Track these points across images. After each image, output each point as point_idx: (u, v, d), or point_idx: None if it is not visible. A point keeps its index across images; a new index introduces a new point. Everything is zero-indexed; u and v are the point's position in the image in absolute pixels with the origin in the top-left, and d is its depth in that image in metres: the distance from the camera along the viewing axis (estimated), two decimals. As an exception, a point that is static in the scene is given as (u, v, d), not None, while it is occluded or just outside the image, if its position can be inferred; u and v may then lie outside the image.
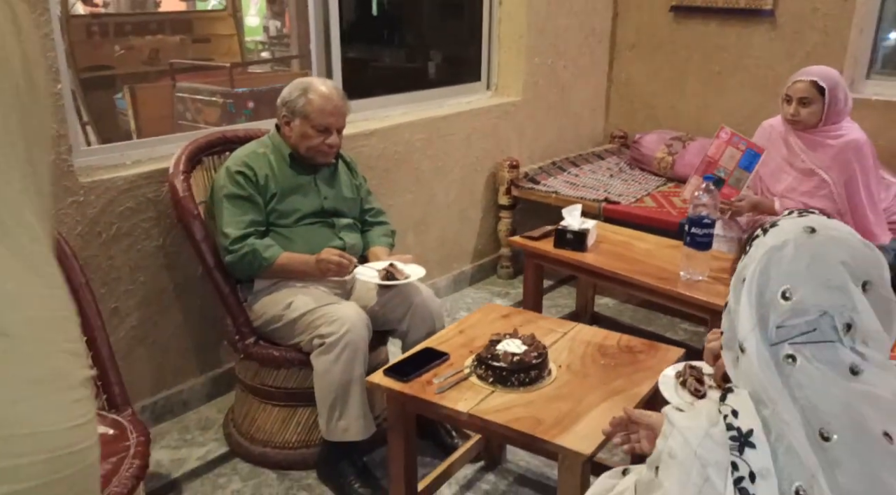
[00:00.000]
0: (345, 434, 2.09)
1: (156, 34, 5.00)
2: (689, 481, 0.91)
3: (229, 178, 2.17)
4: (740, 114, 3.84)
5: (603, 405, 1.69)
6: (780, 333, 0.92)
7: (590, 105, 4.19)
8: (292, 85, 2.25)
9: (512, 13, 3.57)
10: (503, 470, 2.29)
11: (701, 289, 2.31)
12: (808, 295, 0.90)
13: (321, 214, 2.29)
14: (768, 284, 0.94)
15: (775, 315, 0.92)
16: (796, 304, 0.90)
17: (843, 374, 0.89)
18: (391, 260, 2.25)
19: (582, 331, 2.07)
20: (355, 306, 2.13)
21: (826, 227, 0.95)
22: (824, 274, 0.90)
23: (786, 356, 0.91)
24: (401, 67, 3.69)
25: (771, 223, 1.02)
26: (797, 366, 0.90)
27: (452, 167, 3.38)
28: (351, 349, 2.03)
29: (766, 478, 0.89)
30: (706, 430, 0.93)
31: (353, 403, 2.07)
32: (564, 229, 2.63)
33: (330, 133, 2.22)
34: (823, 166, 2.67)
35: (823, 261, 0.91)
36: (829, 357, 0.89)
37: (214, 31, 5.14)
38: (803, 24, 3.58)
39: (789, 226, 0.97)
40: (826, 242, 0.92)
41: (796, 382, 0.90)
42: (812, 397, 0.88)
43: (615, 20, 4.18)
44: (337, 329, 2.04)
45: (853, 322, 0.88)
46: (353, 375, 2.05)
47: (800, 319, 0.90)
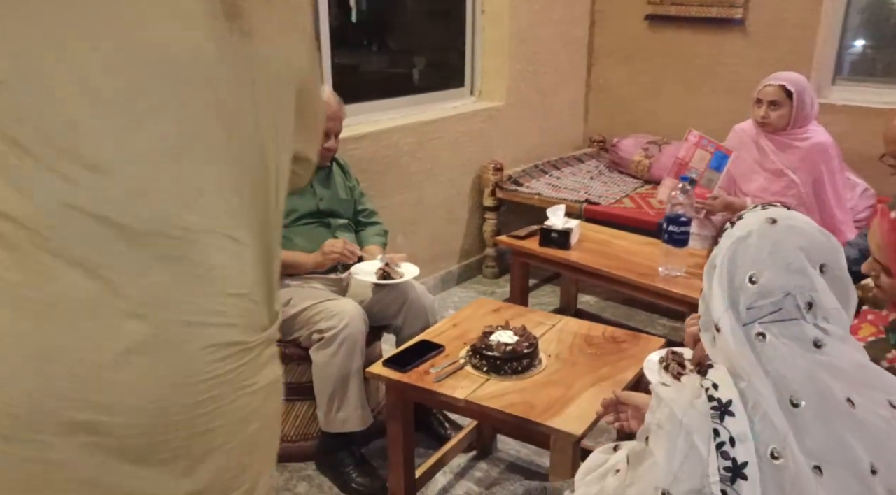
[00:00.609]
0: (344, 425, 2.19)
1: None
2: (675, 447, 1.02)
3: None
4: (714, 118, 3.99)
5: (591, 390, 1.80)
6: (751, 314, 1.03)
7: (569, 110, 4.33)
8: None
9: (495, 21, 3.70)
10: (494, 458, 2.39)
11: (679, 284, 2.45)
12: (771, 278, 1.01)
13: (317, 215, 2.38)
14: (736, 271, 1.04)
15: (744, 297, 1.03)
16: (762, 287, 1.01)
17: (807, 348, 1.00)
18: (386, 259, 2.35)
19: (569, 323, 2.18)
20: (353, 302, 2.23)
21: (785, 218, 1.06)
22: (785, 258, 1.01)
23: (756, 334, 1.02)
24: (388, 73, 3.79)
25: (737, 216, 1.13)
26: (767, 342, 1.01)
27: (440, 170, 3.50)
28: (349, 342, 2.13)
29: (744, 442, 0.99)
30: (690, 402, 1.04)
31: (352, 395, 2.16)
32: (549, 228, 2.75)
33: (328, 137, 2.31)
34: (792, 167, 2.82)
35: (784, 248, 1.02)
36: (794, 333, 1.00)
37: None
38: (773, 32, 3.75)
39: (753, 219, 1.09)
40: (785, 230, 1.04)
41: (767, 357, 1.01)
42: (781, 369, 0.99)
43: (592, 28, 4.33)
44: (336, 323, 2.13)
45: (813, 300, 0.99)
46: (352, 368, 2.15)
47: (766, 300, 1.01)
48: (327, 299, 2.23)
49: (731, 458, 0.98)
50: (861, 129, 3.49)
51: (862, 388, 0.99)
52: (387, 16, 3.83)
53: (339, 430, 2.20)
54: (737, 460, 0.97)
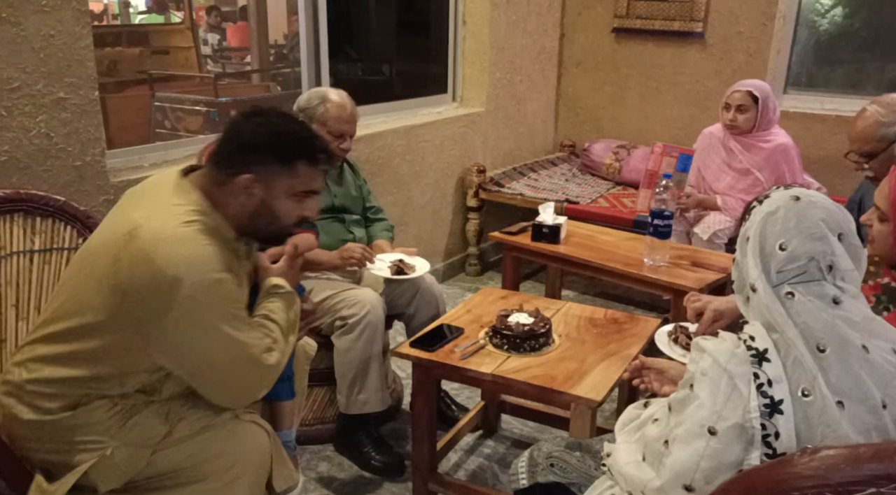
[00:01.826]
0: (364, 406, 2.32)
1: (114, 46, 5.07)
2: (720, 390, 1.19)
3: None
4: (675, 124, 4.29)
5: (602, 364, 2.00)
6: (780, 277, 1.23)
7: (541, 116, 4.56)
8: (310, 94, 2.49)
9: (475, 32, 3.90)
10: (500, 436, 2.57)
11: (663, 272, 2.67)
12: (798, 245, 1.21)
13: (332, 210, 2.52)
14: (766, 240, 1.24)
15: (775, 262, 1.23)
16: (790, 253, 1.21)
17: (828, 304, 1.20)
18: (398, 254, 2.50)
19: (572, 307, 2.38)
20: (371, 290, 2.38)
21: (807, 195, 1.27)
22: (809, 228, 1.22)
23: (786, 293, 1.21)
24: (376, 80, 3.94)
25: (764, 195, 1.34)
26: (795, 300, 1.20)
27: (427, 171, 3.67)
28: (371, 328, 2.27)
29: (780, 383, 1.18)
30: (732, 351, 1.22)
31: (372, 378, 2.31)
32: (541, 224, 2.95)
33: (344, 138, 2.46)
34: (757, 166, 3.10)
35: (807, 220, 1.23)
36: (817, 292, 1.20)
37: (173, 43, 5.25)
38: (730, 45, 4.06)
39: (779, 196, 1.29)
40: (808, 205, 1.24)
41: (795, 312, 1.20)
42: (808, 321, 1.19)
43: (562, 40, 4.58)
44: (358, 310, 2.27)
45: (833, 263, 1.20)
46: (373, 352, 2.29)
47: (794, 264, 1.21)
48: (346, 289, 2.37)
49: (769, 397, 1.16)
50: (810, 134, 3.83)
51: (872, 337, 1.19)
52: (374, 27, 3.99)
53: (360, 412, 2.33)
54: (774, 398, 1.16)
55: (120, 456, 1.40)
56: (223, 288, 1.37)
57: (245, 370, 1.43)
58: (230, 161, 1.44)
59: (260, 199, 1.45)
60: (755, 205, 1.31)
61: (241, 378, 1.45)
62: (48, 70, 2.07)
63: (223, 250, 1.41)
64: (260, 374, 1.45)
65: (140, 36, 5.24)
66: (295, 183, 1.47)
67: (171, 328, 1.33)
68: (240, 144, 1.44)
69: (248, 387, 1.47)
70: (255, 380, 1.46)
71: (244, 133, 1.45)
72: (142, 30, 5.32)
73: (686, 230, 3.27)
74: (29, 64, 2.03)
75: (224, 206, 1.45)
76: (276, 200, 1.47)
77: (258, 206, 1.45)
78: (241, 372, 1.43)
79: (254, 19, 5.32)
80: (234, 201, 1.45)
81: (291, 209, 1.50)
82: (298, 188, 1.48)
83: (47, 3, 2.04)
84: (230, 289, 1.40)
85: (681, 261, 2.74)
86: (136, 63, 5.01)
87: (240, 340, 1.40)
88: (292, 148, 1.45)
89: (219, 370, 1.41)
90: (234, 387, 1.46)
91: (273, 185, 1.45)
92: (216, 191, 1.45)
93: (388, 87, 3.91)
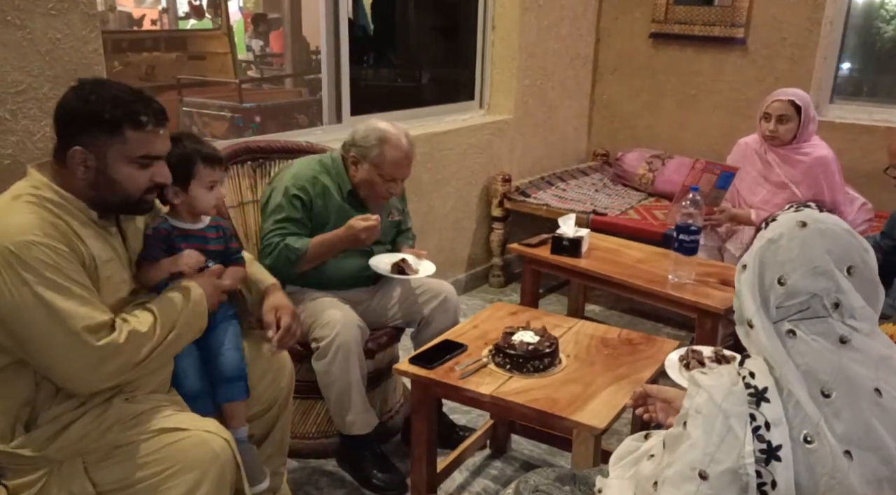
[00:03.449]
0: (352, 427, 2.24)
1: (152, 51, 5.15)
2: (713, 430, 1.08)
3: (286, 198, 2.25)
4: (713, 133, 4.12)
5: (610, 388, 1.88)
6: (780, 312, 1.10)
7: (574, 124, 4.44)
8: (368, 129, 2.30)
9: (504, 37, 3.81)
10: (509, 457, 2.46)
11: (688, 291, 2.53)
12: (798, 280, 1.08)
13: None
14: (766, 272, 1.11)
15: (774, 297, 1.10)
16: (790, 288, 1.08)
17: (834, 343, 1.07)
18: (405, 254, 2.40)
19: (585, 325, 2.26)
20: (346, 309, 2.23)
21: (816, 221, 1.11)
22: (811, 261, 1.08)
23: (787, 331, 1.09)
24: (401, 86, 3.89)
25: (772, 217, 1.21)
26: (797, 339, 1.08)
27: (449, 179, 3.59)
28: (343, 351, 2.14)
29: (779, 426, 1.06)
30: (728, 388, 1.10)
31: (356, 401, 2.20)
32: (560, 237, 2.84)
33: (396, 182, 2.33)
34: (795, 180, 2.93)
35: (811, 251, 1.08)
36: (822, 330, 1.07)
37: (209, 48, 5.30)
38: (772, 51, 3.88)
39: (784, 220, 1.14)
40: (813, 234, 1.10)
41: (797, 351, 1.08)
42: (811, 363, 1.06)
43: (598, 45, 4.45)
44: (328, 332, 2.15)
45: (840, 301, 1.06)
46: (350, 375, 2.17)
47: (794, 300, 1.08)
48: (324, 307, 2.22)
49: (766, 441, 1.05)
50: (856, 146, 3.62)
51: (890, 377, 1.06)
52: (400, 32, 3.94)
53: (349, 433, 2.25)
54: (771, 443, 1.05)
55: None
56: (40, 251, 1.35)
57: (65, 344, 1.36)
58: (59, 136, 1.47)
59: (96, 170, 1.45)
60: (762, 227, 1.19)
61: (64, 354, 1.38)
62: (54, 73, 2.06)
63: (57, 219, 1.41)
64: (85, 353, 1.38)
65: (178, 41, 5.31)
66: (127, 149, 1.46)
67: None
68: (63, 118, 1.46)
69: (77, 368, 1.39)
70: (82, 360, 1.38)
71: (63, 107, 1.47)
72: (180, 35, 5.38)
73: (718, 246, 3.11)
74: (35, 67, 2.02)
75: (70, 183, 1.47)
76: (114, 169, 1.46)
77: (96, 177, 1.46)
78: (60, 345, 1.37)
79: (288, 26, 5.34)
80: (75, 176, 1.46)
81: (135, 176, 1.49)
82: (135, 153, 1.47)
83: (54, 6, 2.03)
84: (50, 255, 1.36)
85: (708, 278, 2.60)
86: (174, 68, 5.07)
87: (56, 307, 1.35)
88: (113, 114, 1.43)
89: (36, 339, 1.37)
90: (61, 365, 1.39)
91: (105, 154, 1.45)
92: (60, 169, 1.47)
93: (412, 94, 3.85)
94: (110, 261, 1.51)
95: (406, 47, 4.27)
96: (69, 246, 1.40)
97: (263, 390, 1.88)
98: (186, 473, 1.41)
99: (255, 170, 2.59)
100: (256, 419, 1.88)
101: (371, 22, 4.39)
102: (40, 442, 1.40)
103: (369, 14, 4.52)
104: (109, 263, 1.50)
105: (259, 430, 1.89)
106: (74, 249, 1.41)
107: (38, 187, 1.44)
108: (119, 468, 1.42)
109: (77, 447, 1.42)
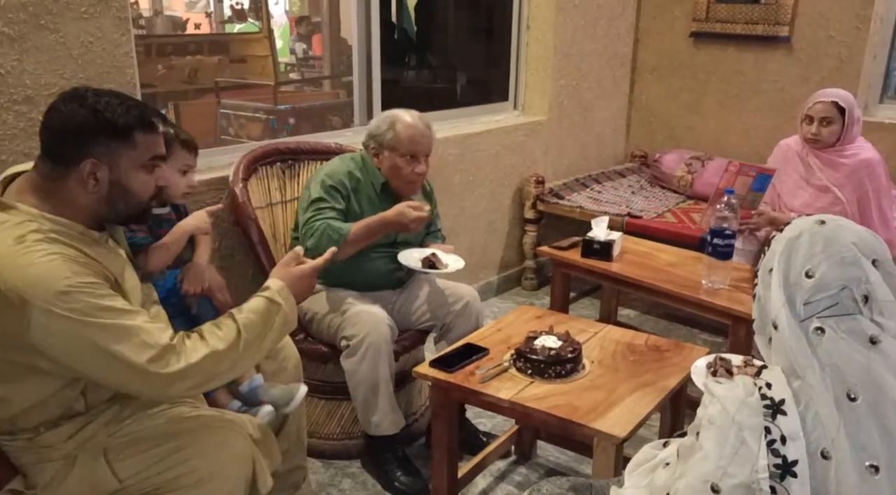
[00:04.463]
0: (378, 429, 2.23)
1: (195, 55, 5.24)
2: (726, 443, 1.04)
3: (323, 189, 2.26)
4: (757, 134, 4.00)
5: (633, 395, 1.83)
6: (808, 309, 1.05)
7: (611, 125, 4.36)
8: (380, 118, 2.37)
9: (539, 37, 3.77)
10: (534, 463, 2.42)
11: (722, 297, 2.45)
12: (827, 271, 1.04)
13: (391, 245, 2.39)
14: (791, 268, 1.08)
15: (801, 293, 1.06)
16: (819, 281, 1.04)
17: (864, 344, 1.02)
18: (434, 248, 2.38)
19: (611, 331, 2.21)
20: (377, 308, 2.24)
21: (833, 220, 1.10)
22: (839, 252, 1.04)
23: (815, 329, 1.04)
24: (434, 88, 3.88)
25: (785, 224, 1.17)
26: (825, 337, 1.03)
27: (482, 181, 3.56)
28: (373, 350, 2.14)
29: (795, 441, 1.02)
30: (743, 399, 1.06)
31: (382, 401, 2.20)
32: (591, 240, 2.78)
33: (418, 160, 2.32)
34: (838, 184, 2.82)
35: (836, 242, 1.05)
36: (851, 327, 1.02)
37: (250, 52, 5.37)
38: (819, 50, 3.75)
39: (802, 222, 1.13)
40: (836, 228, 1.07)
41: (824, 351, 1.03)
42: (839, 363, 1.02)
43: (636, 45, 4.37)
44: (358, 331, 2.15)
45: (869, 293, 1.02)
46: (379, 375, 2.17)
47: (823, 294, 1.04)
48: (352, 306, 2.23)
49: (782, 456, 1.00)
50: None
51: None
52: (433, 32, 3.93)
53: (375, 434, 2.25)
54: (787, 458, 1.00)
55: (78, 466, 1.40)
56: (79, 297, 1.28)
57: (133, 378, 1.33)
58: (64, 152, 1.37)
59: (109, 181, 1.39)
60: (775, 235, 1.16)
61: (137, 386, 1.35)
62: (87, 76, 2.11)
63: (71, 250, 1.34)
64: (155, 380, 1.33)
65: (221, 45, 5.40)
66: (137, 154, 1.42)
67: (40, 341, 1.28)
68: (68, 132, 1.36)
69: (151, 392, 1.37)
70: (152, 387, 1.35)
71: (70, 120, 1.36)
72: (222, 39, 5.48)
73: (756, 250, 3.01)
74: (67, 70, 2.07)
75: (70, 200, 1.38)
76: (127, 177, 1.41)
77: (110, 189, 1.40)
78: (128, 380, 1.34)
79: (327, 28, 5.39)
80: (81, 191, 1.38)
81: (145, 181, 1.45)
82: (145, 157, 1.43)
83: (87, 10, 2.08)
84: (90, 297, 1.30)
85: (743, 283, 2.51)
86: (216, 71, 5.16)
87: (112, 351, 1.30)
88: (126, 119, 1.38)
89: (102, 376, 1.34)
90: (135, 391, 1.38)
91: (118, 163, 1.40)
92: (55, 187, 1.38)
93: (446, 95, 3.83)
94: (125, 272, 1.49)
95: (444, 49, 4.26)
96: (97, 274, 1.35)
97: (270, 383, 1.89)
98: (206, 468, 1.42)
99: (283, 172, 2.61)
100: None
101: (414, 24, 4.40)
102: (58, 439, 1.42)
103: (413, 17, 4.54)
104: (125, 274, 1.49)
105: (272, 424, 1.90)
106: (101, 275, 1.36)
107: (32, 220, 1.34)
108: (140, 460, 1.42)
109: (95, 442, 1.43)
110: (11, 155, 2.00)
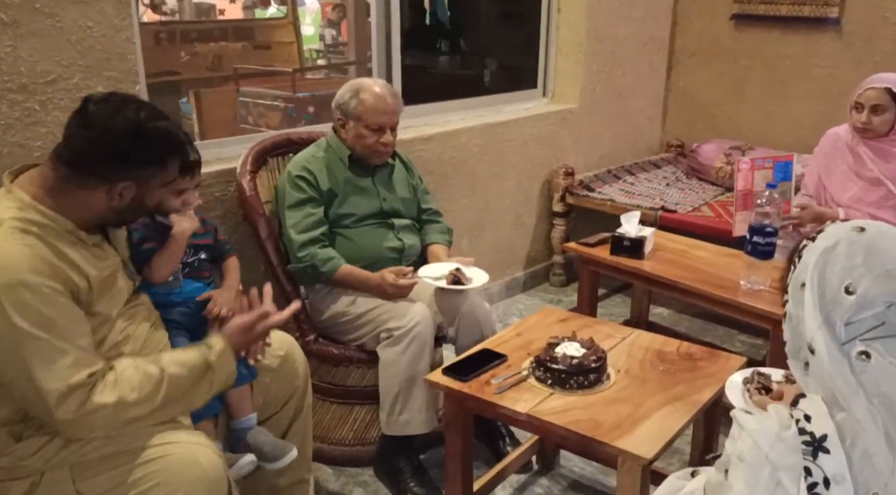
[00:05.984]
0: (406, 427, 2.12)
1: (219, 41, 5.17)
2: (758, 484, 0.91)
3: (290, 183, 2.23)
4: (803, 123, 3.76)
5: (663, 410, 1.68)
6: (850, 330, 0.92)
7: (647, 113, 4.16)
8: (345, 87, 2.31)
9: (571, 21, 3.58)
10: (556, 474, 2.28)
11: (762, 299, 2.27)
12: (871, 285, 0.90)
13: (380, 215, 2.33)
14: (827, 283, 0.94)
15: (841, 311, 0.91)
16: (861, 297, 0.90)
17: None
18: (455, 262, 2.27)
19: (640, 336, 2.05)
20: (423, 304, 2.17)
21: (874, 226, 0.96)
22: (883, 263, 0.90)
23: (859, 353, 0.90)
24: (459, 74, 3.74)
25: (817, 231, 1.02)
26: (871, 363, 0.89)
27: (508, 173, 3.40)
28: (419, 342, 2.07)
29: (841, 484, 0.88)
30: (777, 434, 0.92)
31: (417, 396, 2.09)
32: (621, 236, 2.61)
33: (383, 132, 2.25)
34: (891, 176, 2.60)
35: (879, 252, 0.91)
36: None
37: (275, 38, 5.29)
38: (872, 32, 3.50)
39: (837, 229, 0.99)
40: (877, 236, 0.93)
41: (871, 379, 0.89)
42: (889, 393, 0.88)
43: (675, 28, 4.15)
44: (406, 323, 2.08)
45: None
46: (419, 368, 2.08)
47: (867, 312, 0.90)
48: (405, 302, 2.18)
49: None
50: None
51: None
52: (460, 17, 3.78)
53: (401, 433, 2.13)
54: None
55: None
56: (28, 295, 1.23)
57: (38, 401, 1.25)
58: (101, 171, 1.35)
59: (132, 198, 1.40)
60: (807, 244, 1.00)
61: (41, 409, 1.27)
62: (86, 63, 2.01)
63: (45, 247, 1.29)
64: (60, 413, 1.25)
65: (245, 31, 5.32)
66: (166, 176, 1.46)
67: None
68: (113, 155, 1.34)
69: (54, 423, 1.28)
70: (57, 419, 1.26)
71: (116, 143, 1.34)
72: (247, 25, 5.39)
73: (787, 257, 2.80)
74: (65, 56, 1.97)
75: (80, 203, 1.36)
76: (150, 195, 1.45)
77: (130, 204, 1.41)
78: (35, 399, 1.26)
79: (352, 13, 5.27)
80: (100, 200, 1.37)
81: (164, 197, 1.56)
82: (169, 178, 1.48)
83: (86, -7, 1.98)
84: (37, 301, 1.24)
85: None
86: (240, 58, 5.08)
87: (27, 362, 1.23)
88: (166, 149, 1.41)
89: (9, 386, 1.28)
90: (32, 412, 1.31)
91: (148, 185, 1.43)
92: (68, 188, 1.35)
93: (473, 82, 3.68)
94: (110, 276, 1.43)
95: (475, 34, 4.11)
96: (59, 278, 1.29)
97: (278, 389, 1.82)
98: (173, 489, 1.32)
99: (296, 163, 2.49)
100: (271, 419, 1.82)
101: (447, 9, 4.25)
102: (27, 453, 1.34)
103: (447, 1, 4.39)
104: (109, 278, 1.43)
105: (275, 431, 1.81)
106: (65, 280, 1.30)
107: (21, 208, 1.31)
108: (105, 479, 1.35)
109: (61, 457, 1.35)
110: (6, 146, 1.91)
